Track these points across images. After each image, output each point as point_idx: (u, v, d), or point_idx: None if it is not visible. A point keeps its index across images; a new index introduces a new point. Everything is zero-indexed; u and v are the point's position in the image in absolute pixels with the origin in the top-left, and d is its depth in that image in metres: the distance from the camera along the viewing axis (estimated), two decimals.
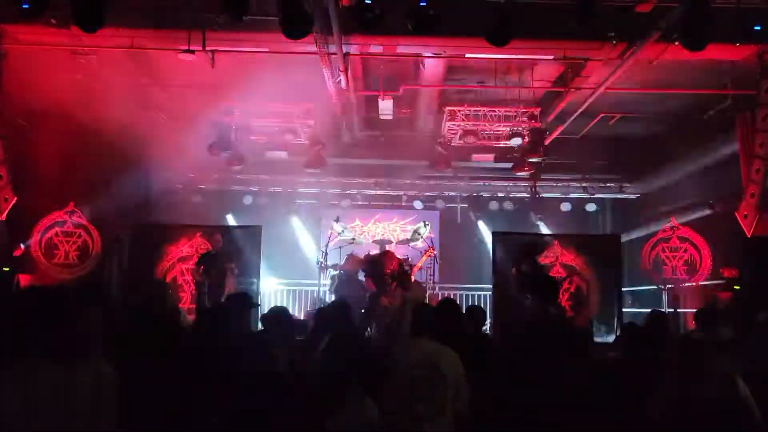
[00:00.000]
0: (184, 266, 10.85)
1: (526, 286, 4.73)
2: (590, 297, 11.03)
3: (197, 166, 13.11)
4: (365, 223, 14.64)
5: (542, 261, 10.78)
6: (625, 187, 14.41)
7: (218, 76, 9.56)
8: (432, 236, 12.84)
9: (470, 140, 11.71)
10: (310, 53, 8.51)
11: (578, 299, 11.02)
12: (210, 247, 10.10)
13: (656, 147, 12.81)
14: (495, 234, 11.57)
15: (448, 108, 11.58)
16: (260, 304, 5.10)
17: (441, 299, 8.93)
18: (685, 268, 11.38)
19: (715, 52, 8.06)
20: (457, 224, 14.94)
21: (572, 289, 11.07)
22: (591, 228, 14.69)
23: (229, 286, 9.73)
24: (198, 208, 13.71)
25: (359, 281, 11.24)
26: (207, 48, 8.48)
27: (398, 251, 11.45)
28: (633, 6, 7.57)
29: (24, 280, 10.05)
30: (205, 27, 8.21)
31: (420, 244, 12.54)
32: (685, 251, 11.39)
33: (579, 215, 14.48)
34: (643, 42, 8.12)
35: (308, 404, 3.59)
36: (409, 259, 11.55)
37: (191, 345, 3.97)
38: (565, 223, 14.18)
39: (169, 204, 13.62)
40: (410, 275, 9.90)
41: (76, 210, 11.26)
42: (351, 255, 11.96)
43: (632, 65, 8.85)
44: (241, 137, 12.01)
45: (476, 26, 7.38)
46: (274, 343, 4.60)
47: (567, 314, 10.06)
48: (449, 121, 11.66)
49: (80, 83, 9.45)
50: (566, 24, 6.96)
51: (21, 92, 9.01)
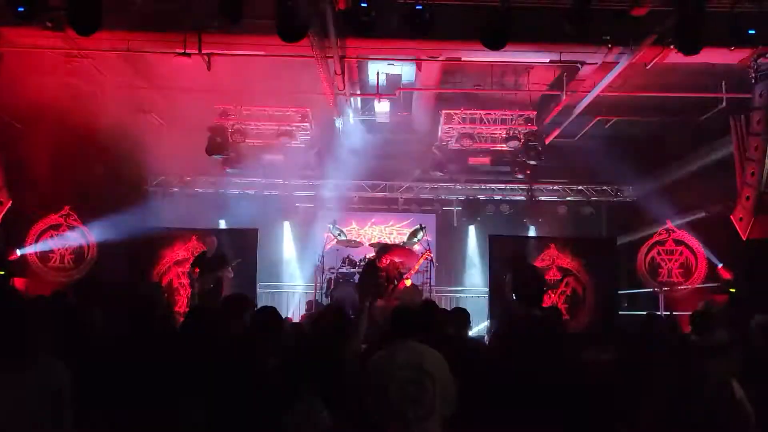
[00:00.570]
0: (180, 270, 10.82)
1: (514, 290, 4.73)
2: (586, 299, 11.05)
3: (193, 170, 13.09)
4: (362, 227, 14.61)
5: (538, 264, 10.81)
6: (621, 190, 14.43)
7: (214, 79, 9.56)
8: (428, 239, 12.84)
9: (467, 143, 11.73)
10: (307, 56, 8.51)
11: (574, 302, 11.05)
12: (205, 249, 9.94)
13: (652, 150, 12.83)
14: (491, 237, 11.58)
15: (445, 111, 11.61)
16: (257, 306, 5.06)
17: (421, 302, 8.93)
18: (681, 271, 11.41)
19: (710, 56, 8.09)
20: (454, 227, 14.94)
21: (568, 292, 11.09)
22: (587, 231, 14.70)
23: (226, 289, 9.70)
24: (194, 212, 13.67)
25: (355, 284, 11.24)
26: (203, 51, 8.48)
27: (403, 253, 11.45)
28: (628, 10, 7.59)
29: (19, 284, 10.03)
30: (202, 30, 8.21)
31: (416, 248, 12.54)
32: (681, 254, 11.42)
33: (575, 218, 14.49)
34: (639, 46, 8.15)
35: (262, 402, 3.58)
36: (406, 263, 11.55)
37: (175, 347, 3.93)
38: (562, 226, 14.19)
39: (165, 207, 13.60)
40: (407, 277, 9.91)
41: (72, 213, 11.23)
42: (347, 258, 11.95)
43: (627, 69, 8.89)
44: (238, 140, 11.99)
45: (472, 30, 7.40)
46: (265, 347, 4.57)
47: (563, 317, 10.07)
48: (446, 124, 11.68)
49: (75, 86, 9.43)
50: (562, 28, 6.97)
51: (16, 95, 8.99)
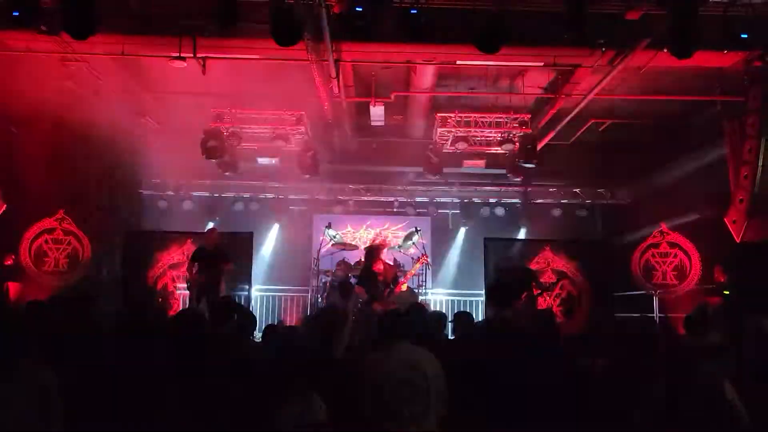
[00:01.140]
0: (175, 273, 10.81)
1: (486, 291, 4.78)
2: (581, 302, 11.08)
3: (188, 173, 13.08)
4: (357, 229, 14.63)
5: (533, 266, 10.85)
6: (616, 193, 14.48)
7: (209, 83, 9.56)
8: (424, 242, 12.86)
9: (461, 146, 11.74)
10: (302, 60, 8.53)
11: (569, 304, 11.08)
12: (204, 244, 9.57)
13: (646, 153, 12.88)
14: (486, 240, 11.61)
15: (440, 114, 11.62)
16: (241, 309, 5.08)
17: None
18: (675, 274, 11.46)
19: (703, 59, 8.13)
20: (449, 230, 14.96)
21: (563, 295, 11.12)
22: (582, 233, 14.75)
23: (223, 288, 9.61)
24: (189, 215, 13.67)
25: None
26: (198, 55, 8.48)
27: (390, 258, 11.47)
28: (622, 14, 7.63)
29: (13, 289, 10.01)
30: (197, 34, 8.22)
31: (412, 251, 12.56)
32: (675, 256, 11.47)
33: (570, 221, 14.53)
34: (632, 49, 8.19)
35: (253, 398, 3.59)
36: (402, 266, 11.57)
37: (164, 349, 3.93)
38: (556, 229, 14.23)
39: (160, 211, 13.59)
40: (403, 282, 9.91)
41: (66, 217, 11.22)
42: (342, 261, 11.96)
43: (621, 72, 8.94)
44: (233, 144, 11.99)
45: (467, 34, 7.42)
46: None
47: (556, 319, 10.08)
48: (440, 128, 11.69)
49: (70, 90, 9.42)
50: (556, 31, 7.00)
51: (11, 99, 8.98)
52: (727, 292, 8.96)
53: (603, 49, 8.41)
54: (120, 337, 4.62)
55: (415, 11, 6.93)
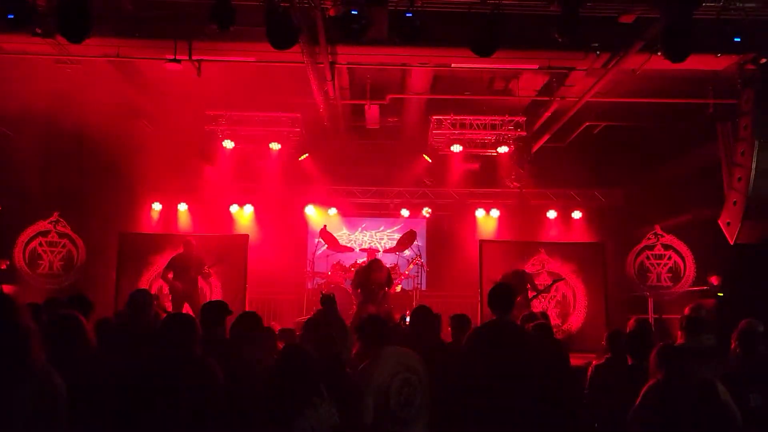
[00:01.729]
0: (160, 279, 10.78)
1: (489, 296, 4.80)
2: (576, 304, 11.11)
3: (183, 175, 13.05)
4: (352, 232, 14.62)
5: (528, 269, 10.87)
6: (610, 195, 14.51)
7: (205, 86, 9.56)
8: (419, 244, 12.87)
9: (456, 148, 11.77)
10: (297, 63, 8.53)
11: (565, 306, 11.11)
12: (181, 252, 9.73)
13: (640, 155, 12.92)
14: (482, 242, 11.63)
15: (435, 117, 11.65)
16: (232, 312, 5.06)
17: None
18: (670, 276, 11.50)
19: (697, 63, 8.16)
20: (444, 232, 14.96)
21: (558, 297, 11.15)
22: (576, 235, 14.78)
23: (215, 293, 9.61)
24: (183, 217, 13.63)
25: (345, 289, 11.25)
26: (193, 57, 8.48)
27: (385, 260, 11.46)
28: (616, 17, 7.66)
29: (7, 291, 9.95)
30: (192, 36, 8.21)
31: (407, 253, 12.57)
32: (669, 258, 11.51)
33: (565, 223, 14.56)
34: (626, 52, 8.23)
35: (268, 408, 3.58)
36: (398, 268, 11.59)
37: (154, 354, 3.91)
38: (551, 231, 14.25)
39: (155, 213, 13.55)
40: (397, 283, 9.93)
41: (61, 220, 11.18)
42: (337, 263, 11.97)
43: (616, 75, 8.97)
44: (228, 146, 11.98)
45: (462, 36, 7.44)
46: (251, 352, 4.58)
47: (554, 321, 10.12)
48: (435, 130, 11.72)
49: (65, 92, 9.41)
50: (551, 34, 7.03)
51: (5, 101, 8.96)
52: (721, 294, 9.01)
53: (597, 52, 8.46)
54: (118, 340, 4.62)
55: (410, 14, 6.93)
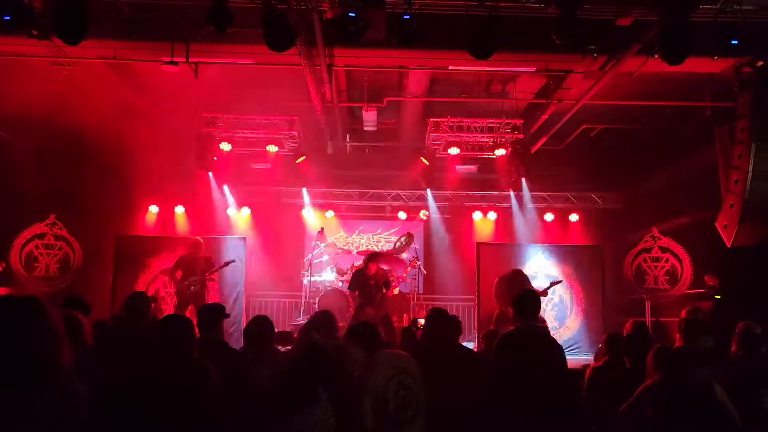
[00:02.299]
0: (167, 278, 10.75)
1: (512, 300, 4.86)
2: (574, 307, 11.10)
3: (180, 177, 13.03)
4: (349, 234, 14.62)
5: (526, 272, 10.85)
6: (607, 197, 14.53)
7: (202, 88, 9.54)
8: (416, 247, 12.87)
9: (454, 151, 11.77)
10: (294, 65, 8.53)
11: (562, 309, 11.10)
12: (189, 252, 9.80)
13: (637, 157, 12.94)
14: (479, 245, 11.63)
15: (432, 119, 11.65)
16: (229, 314, 5.07)
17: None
18: (667, 278, 11.50)
19: (694, 65, 8.17)
20: (441, 235, 14.96)
21: (555, 300, 11.14)
22: (574, 238, 14.79)
23: (213, 295, 9.59)
24: (180, 220, 13.61)
25: (343, 292, 11.25)
26: (190, 59, 8.46)
27: (394, 261, 11.49)
28: (613, 19, 7.67)
29: (2, 294, 9.91)
30: (189, 38, 8.20)
31: (404, 255, 12.56)
32: (667, 261, 11.51)
33: (562, 225, 14.57)
34: (624, 55, 8.24)
35: (265, 408, 3.58)
36: (395, 270, 11.58)
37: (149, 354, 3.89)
38: (549, 234, 14.26)
39: (152, 215, 13.52)
40: (395, 286, 9.91)
41: (57, 222, 11.15)
42: (335, 266, 11.96)
43: (613, 77, 8.98)
44: (225, 148, 11.97)
45: (459, 39, 7.43)
46: (258, 359, 4.59)
47: (549, 324, 10.12)
48: (433, 133, 11.72)
49: (62, 94, 9.38)
50: (548, 37, 7.03)
51: (1, 103, 8.93)
52: (718, 297, 9.01)
53: (594, 55, 8.45)
54: (115, 342, 4.60)
55: (408, 16, 6.93)
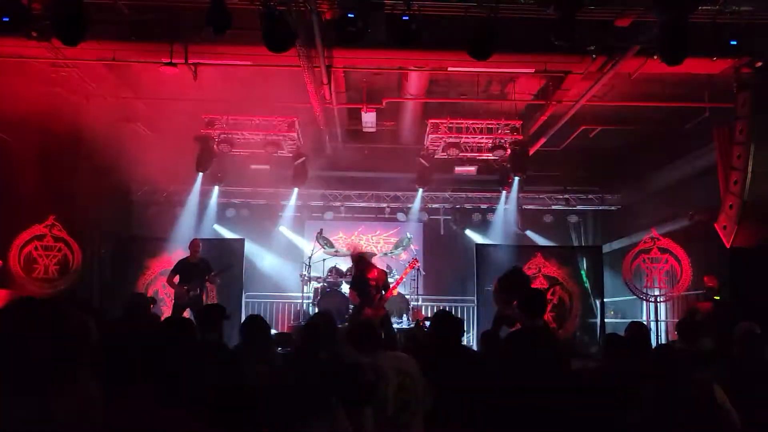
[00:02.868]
0: (166, 281, 10.73)
1: (518, 301, 4.90)
2: (573, 308, 11.10)
3: (179, 179, 13.03)
4: (348, 236, 14.61)
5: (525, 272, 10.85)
6: (607, 199, 14.55)
7: (201, 89, 9.54)
8: (415, 248, 12.87)
9: (453, 152, 11.77)
10: (293, 66, 8.52)
11: (561, 310, 11.09)
12: (187, 255, 9.70)
13: (636, 158, 12.96)
14: (478, 246, 11.63)
15: (431, 120, 11.65)
16: (229, 316, 5.08)
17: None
18: (666, 279, 11.49)
19: (693, 66, 8.18)
20: (441, 236, 14.97)
21: (555, 301, 11.13)
22: (573, 239, 14.80)
23: (211, 297, 9.57)
24: (179, 221, 13.60)
25: (342, 293, 11.24)
26: (189, 61, 8.46)
27: (382, 263, 11.45)
28: (612, 21, 7.68)
29: (2, 296, 9.90)
30: (188, 40, 8.20)
31: (404, 256, 12.55)
32: (666, 262, 11.49)
33: (561, 226, 14.58)
34: (623, 56, 8.24)
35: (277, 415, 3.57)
36: (394, 272, 11.56)
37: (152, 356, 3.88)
38: (548, 235, 14.27)
39: (151, 217, 13.52)
40: (394, 287, 9.90)
41: (56, 224, 11.13)
42: (334, 267, 11.94)
43: (612, 78, 8.99)
44: (224, 150, 11.97)
45: (458, 40, 7.44)
46: (253, 358, 4.57)
47: (551, 325, 10.12)
48: (432, 134, 11.72)
49: (61, 96, 9.38)
50: (547, 38, 7.03)
51: (0, 104, 8.91)
52: (718, 298, 9.00)
53: (593, 56, 8.46)
54: (115, 344, 4.57)
55: (407, 17, 6.93)
